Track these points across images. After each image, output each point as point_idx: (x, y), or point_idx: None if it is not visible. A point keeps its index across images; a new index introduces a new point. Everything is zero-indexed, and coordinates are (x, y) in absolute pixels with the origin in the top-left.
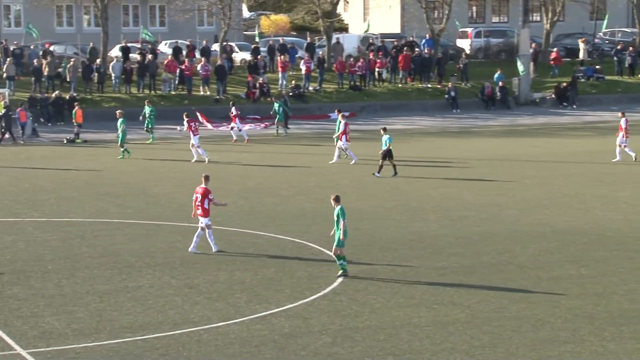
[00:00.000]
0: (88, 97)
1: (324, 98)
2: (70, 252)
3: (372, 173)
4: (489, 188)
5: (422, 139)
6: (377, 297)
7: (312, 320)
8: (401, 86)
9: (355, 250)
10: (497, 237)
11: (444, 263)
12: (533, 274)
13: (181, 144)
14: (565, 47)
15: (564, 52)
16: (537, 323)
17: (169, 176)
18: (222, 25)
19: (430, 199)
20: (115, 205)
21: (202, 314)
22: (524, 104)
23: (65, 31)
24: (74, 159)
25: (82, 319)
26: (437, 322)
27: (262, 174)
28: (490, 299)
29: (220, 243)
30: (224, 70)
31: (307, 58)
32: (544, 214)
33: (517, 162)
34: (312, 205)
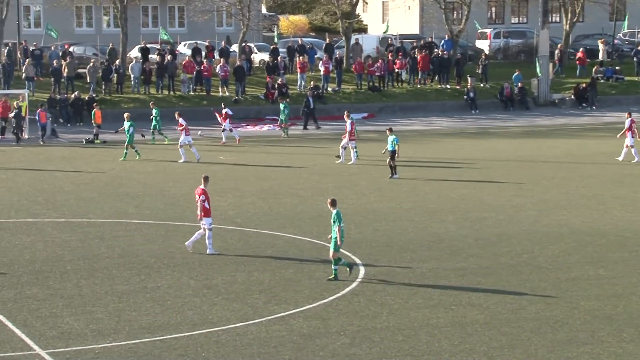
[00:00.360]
0: (107, 97)
1: (342, 99)
2: (89, 252)
3: (389, 177)
4: (507, 189)
5: (441, 140)
6: (396, 298)
7: (331, 321)
8: (420, 87)
9: (373, 252)
10: (516, 238)
11: (463, 264)
12: (552, 275)
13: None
14: (584, 48)
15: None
16: (556, 324)
17: (186, 177)
18: (241, 26)
19: (448, 200)
20: (133, 206)
21: (220, 315)
22: (543, 104)
23: (84, 32)
24: (93, 160)
25: (101, 319)
26: (456, 323)
27: (280, 175)
28: (508, 300)
29: (239, 244)
30: (243, 71)
31: (325, 59)
32: (562, 215)
33: (536, 163)
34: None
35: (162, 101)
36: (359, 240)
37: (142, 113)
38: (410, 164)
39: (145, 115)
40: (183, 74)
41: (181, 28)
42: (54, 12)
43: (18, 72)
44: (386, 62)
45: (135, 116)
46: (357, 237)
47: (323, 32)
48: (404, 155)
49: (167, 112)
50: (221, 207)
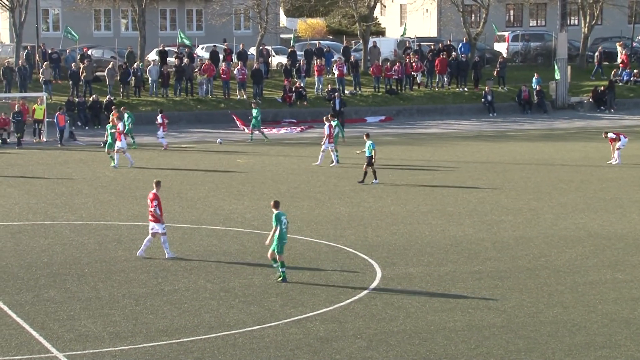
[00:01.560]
0: (125, 100)
1: (360, 102)
2: (106, 255)
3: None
4: (525, 192)
5: (458, 143)
6: (413, 301)
7: (347, 324)
8: (437, 90)
9: (391, 255)
10: (533, 241)
11: (480, 267)
12: (569, 279)
13: (216, 147)
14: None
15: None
16: (573, 328)
17: (204, 180)
18: (258, 29)
19: (466, 203)
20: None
21: (237, 318)
22: (561, 107)
23: (103, 35)
24: (110, 163)
25: (118, 322)
26: (473, 327)
27: (297, 178)
28: (526, 304)
29: (256, 247)
30: (261, 74)
31: (339, 62)
32: (580, 218)
33: (554, 167)
34: (347, 210)
35: (180, 104)
36: (376, 243)
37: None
38: (428, 167)
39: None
40: (200, 76)
41: (199, 31)
42: (73, 15)
43: (36, 75)
44: (404, 65)
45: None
46: (374, 240)
47: (341, 35)
48: (421, 158)
49: (185, 115)
50: (238, 210)
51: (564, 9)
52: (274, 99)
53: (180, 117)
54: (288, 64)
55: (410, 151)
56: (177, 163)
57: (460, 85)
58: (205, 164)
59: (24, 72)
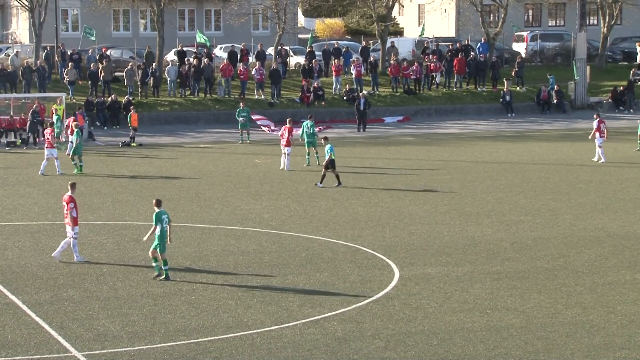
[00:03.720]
0: (143, 100)
1: (378, 102)
2: (125, 255)
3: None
4: (543, 192)
5: (476, 143)
6: (431, 302)
7: (365, 325)
8: (456, 90)
9: (409, 255)
10: (552, 242)
11: (498, 268)
12: (588, 279)
13: (234, 147)
14: (622, 51)
15: (621, 55)
16: (592, 329)
17: (222, 180)
18: (277, 29)
19: (484, 203)
20: (169, 209)
21: (255, 318)
22: (580, 108)
23: (121, 35)
24: (129, 163)
25: (137, 321)
26: (491, 327)
27: (315, 178)
28: (544, 304)
29: (274, 247)
30: (279, 74)
31: (357, 62)
32: (599, 218)
33: (573, 167)
34: (365, 210)
35: (198, 104)
36: (394, 243)
37: (179, 116)
38: (446, 167)
39: (183, 118)
40: (219, 78)
41: (217, 31)
42: (92, 15)
43: (55, 75)
44: (422, 65)
45: (171, 119)
46: (392, 240)
47: (359, 35)
48: (439, 158)
49: (203, 115)
50: (256, 210)
51: (583, 9)
52: (292, 99)
53: (199, 117)
54: (306, 64)
55: (428, 151)
56: (195, 163)
57: (478, 85)
58: (223, 163)
59: (42, 72)
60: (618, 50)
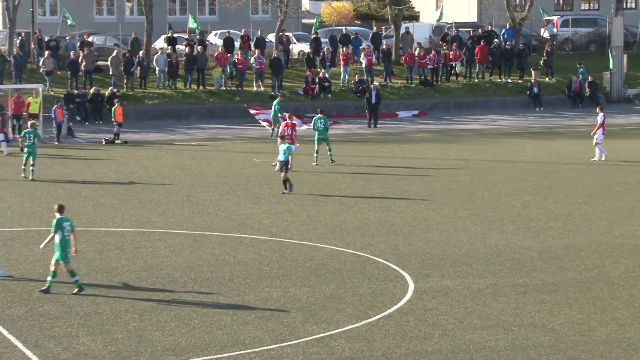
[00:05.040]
0: (129, 93)
1: (391, 94)
2: (107, 265)
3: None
4: (575, 195)
5: (501, 140)
6: (449, 318)
7: (376, 343)
8: (477, 81)
9: (424, 265)
10: (585, 251)
11: (525, 279)
12: (625, 293)
13: (230, 145)
14: None
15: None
16: (629, 347)
17: (216, 181)
18: (278, 14)
19: (509, 207)
20: (157, 214)
21: (253, 335)
22: (616, 101)
23: (105, 20)
24: (113, 162)
25: (121, 339)
26: (516, 346)
27: (321, 179)
28: (576, 321)
29: (274, 256)
30: (280, 64)
31: (368, 50)
32: (638, 224)
33: (608, 167)
34: (376, 215)
35: (190, 97)
36: (408, 252)
37: (169, 110)
38: (467, 167)
39: (173, 113)
40: (216, 67)
41: (212, 16)
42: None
43: (31, 65)
44: (440, 53)
45: (160, 114)
46: (406, 249)
47: (370, 20)
48: (459, 157)
49: (196, 109)
50: (254, 215)
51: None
52: (295, 91)
53: (191, 112)
54: (311, 53)
55: (447, 149)
56: (187, 162)
57: (503, 75)
58: (218, 163)
59: (18, 61)
60: None
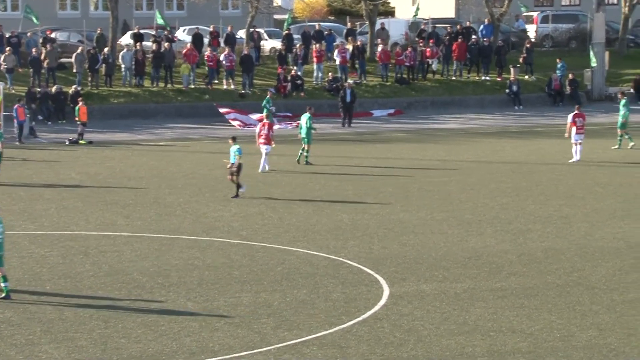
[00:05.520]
0: (94, 91)
1: (365, 93)
2: (71, 270)
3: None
4: (555, 197)
5: (479, 140)
6: (425, 323)
7: (350, 350)
8: (455, 79)
9: (400, 269)
10: (565, 254)
11: (503, 284)
12: (606, 297)
13: (199, 145)
14: None
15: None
16: (610, 354)
17: (185, 183)
18: (249, 9)
19: (487, 209)
20: (123, 217)
21: (222, 342)
22: (598, 99)
23: (68, 16)
24: (77, 163)
25: (85, 347)
26: (494, 352)
27: (293, 181)
28: (555, 326)
29: (244, 260)
30: (251, 61)
31: (341, 47)
32: (618, 227)
33: (588, 167)
34: (350, 217)
35: (158, 95)
36: (383, 256)
37: (135, 109)
38: (444, 168)
39: (139, 112)
40: (185, 64)
41: (180, 11)
42: None
43: None
44: (416, 50)
45: (126, 113)
46: (381, 252)
47: (344, 16)
48: (435, 157)
49: (163, 108)
50: (224, 217)
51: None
52: (266, 89)
53: (158, 111)
54: (283, 50)
55: (423, 149)
56: (154, 163)
57: (481, 73)
58: (187, 164)
59: None
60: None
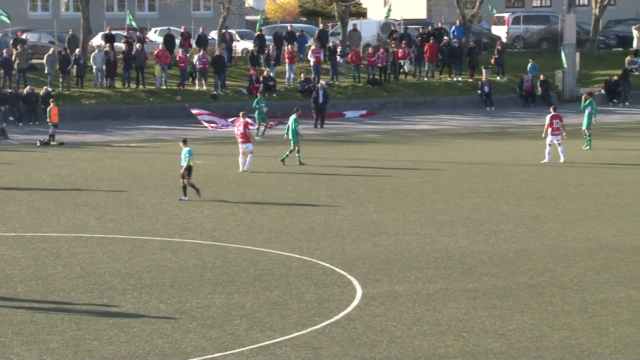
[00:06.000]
0: (65, 92)
1: (338, 94)
2: (43, 272)
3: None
4: (527, 197)
5: (451, 141)
6: (398, 324)
7: (323, 351)
8: (427, 80)
9: (373, 270)
10: (537, 254)
11: (475, 284)
12: (578, 297)
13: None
14: (616, 35)
15: (615, 40)
16: (582, 354)
17: (157, 184)
18: (221, 10)
19: (459, 210)
20: (95, 218)
21: (195, 344)
22: (569, 100)
23: (39, 17)
24: (48, 165)
25: (57, 349)
26: (467, 353)
27: (265, 182)
28: (528, 326)
29: (217, 261)
30: (223, 62)
31: (315, 47)
32: (590, 227)
33: (560, 168)
34: (323, 218)
35: (129, 96)
36: (356, 257)
37: (107, 110)
38: (416, 168)
39: (111, 113)
40: (157, 65)
41: (151, 12)
42: None
43: None
44: (388, 51)
45: (98, 114)
46: (354, 253)
47: (315, 17)
48: (408, 158)
49: (135, 109)
50: (197, 219)
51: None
52: (238, 91)
53: (130, 112)
54: (255, 50)
55: (395, 150)
56: (125, 165)
57: (453, 74)
58: (159, 165)
59: None
60: (612, 35)
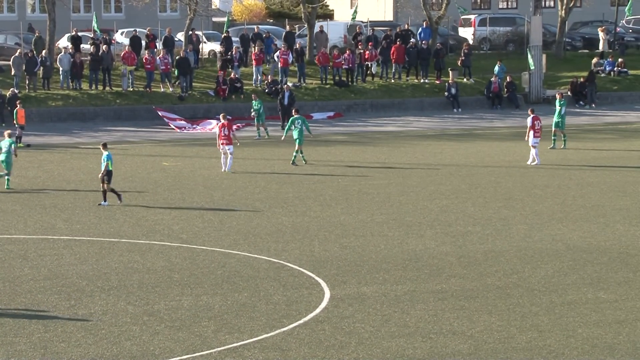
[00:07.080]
0: (32, 94)
1: (305, 95)
2: (10, 274)
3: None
4: (494, 199)
5: (418, 143)
6: (366, 326)
7: (291, 353)
8: (394, 82)
9: (341, 271)
10: (504, 256)
11: (443, 286)
12: (545, 299)
13: (139, 148)
14: (582, 37)
15: (581, 42)
16: (550, 355)
17: (124, 186)
18: (187, 12)
19: (427, 211)
20: (62, 220)
21: (163, 346)
22: (536, 102)
23: (5, 18)
24: (15, 167)
25: (24, 351)
26: (435, 354)
27: (233, 184)
28: (495, 328)
29: (185, 263)
30: (188, 64)
31: (283, 49)
32: (557, 229)
33: (527, 170)
34: (290, 220)
35: (96, 98)
36: (324, 258)
37: (74, 112)
38: (383, 170)
39: (78, 115)
40: (123, 66)
41: (118, 14)
42: None
43: None
44: (355, 53)
45: (65, 116)
46: (322, 255)
47: (282, 19)
48: (375, 160)
49: (102, 111)
50: (164, 220)
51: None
52: (205, 92)
53: (97, 114)
54: (222, 52)
55: (363, 152)
56: (93, 167)
57: (420, 76)
58: (126, 167)
59: None
60: (578, 37)
